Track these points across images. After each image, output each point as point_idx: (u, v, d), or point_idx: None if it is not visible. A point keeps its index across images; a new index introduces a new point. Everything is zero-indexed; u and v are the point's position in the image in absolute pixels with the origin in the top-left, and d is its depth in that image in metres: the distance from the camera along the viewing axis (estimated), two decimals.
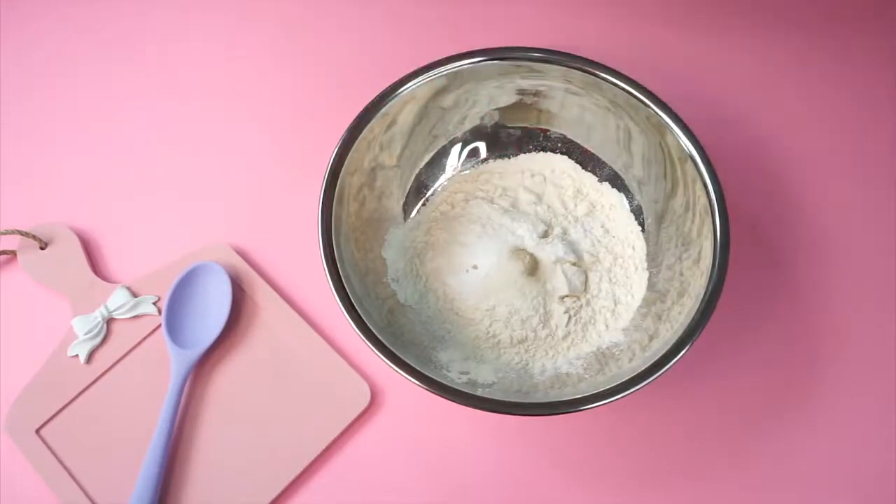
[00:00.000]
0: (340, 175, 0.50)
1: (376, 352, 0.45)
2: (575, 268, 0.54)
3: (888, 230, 0.59)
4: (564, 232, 0.56)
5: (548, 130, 0.58)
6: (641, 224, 0.56)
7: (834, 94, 0.64)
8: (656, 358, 0.45)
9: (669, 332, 0.47)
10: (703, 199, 0.49)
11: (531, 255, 0.53)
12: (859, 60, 0.66)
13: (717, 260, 0.47)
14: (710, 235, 0.48)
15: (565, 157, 0.59)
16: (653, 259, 0.55)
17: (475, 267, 0.54)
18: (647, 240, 0.56)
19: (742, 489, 0.51)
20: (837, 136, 0.63)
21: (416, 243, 0.56)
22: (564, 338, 0.53)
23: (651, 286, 0.54)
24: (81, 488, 0.50)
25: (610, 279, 0.55)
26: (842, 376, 0.54)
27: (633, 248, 0.56)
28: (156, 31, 0.68)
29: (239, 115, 0.64)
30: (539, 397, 0.48)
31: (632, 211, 0.57)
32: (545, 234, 0.55)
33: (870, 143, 0.62)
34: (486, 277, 0.53)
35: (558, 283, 0.53)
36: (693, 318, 0.46)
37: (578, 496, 0.51)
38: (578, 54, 0.52)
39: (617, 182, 0.58)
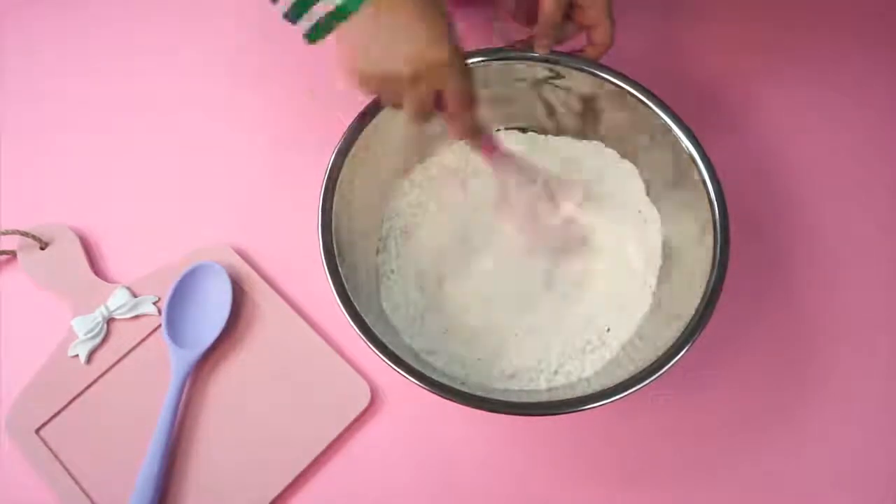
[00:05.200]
0: (340, 175, 0.50)
1: (376, 352, 0.45)
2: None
3: (888, 231, 0.59)
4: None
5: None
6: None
7: (835, 94, 0.64)
8: (655, 358, 0.45)
9: (669, 333, 0.47)
10: (704, 200, 0.49)
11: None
12: (860, 62, 0.66)
13: (717, 260, 0.47)
14: (710, 236, 0.48)
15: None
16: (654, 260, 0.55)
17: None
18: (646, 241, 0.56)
19: (742, 489, 0.51)
20: (838, 137, 0.63)
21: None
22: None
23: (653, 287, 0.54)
24: (81, 488, 0.50)
25: (615, 279, 0.55)
26: (841, 376, 0.54)
27: (637, 249, 0.56)
28: (158, 33, 0.68)
29: (239, 116, 0.64)
30: (539, 397, 0.48)
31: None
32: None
33: (870, 143, 0.62)
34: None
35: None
36: (692, 319, 0.46)
37: (578, 496, 0.51)
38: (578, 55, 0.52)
39: None
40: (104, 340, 0.54)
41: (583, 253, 0.54)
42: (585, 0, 0.49)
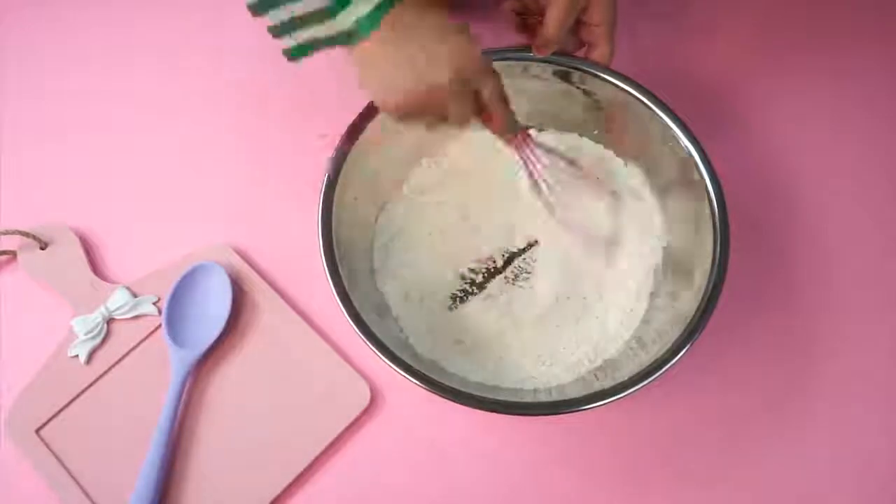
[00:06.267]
0: (340, 175, 0.50)
1: (376, 352, 0.45)
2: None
3: (888, 231, 0.59)
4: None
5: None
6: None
7: (836, 95, 0.64)
8: (656, 359, 0.45)
9: (669, 333, 0.47)
10: (704, 200, 0.49)
11: None
12: (860, 63, 0.66)
13: (717, 260, 0.47)
14: (711, 236, 0.48)
15: None
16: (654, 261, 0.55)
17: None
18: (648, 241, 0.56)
19: (741, 489, 0.51)
20: (838, 137, 0.63)
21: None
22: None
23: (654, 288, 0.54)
24: (81, 488, 0.50)
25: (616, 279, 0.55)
26: (841, 376, 0.54)
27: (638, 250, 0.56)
28: (158, 33, 0.68)
29: (239, 116, 0.64)
30: (540, 397, 0.48)
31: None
32: None
33: (870, 143, 0.62)
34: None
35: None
36: (692, 320, 0.46)
37: (578, 496, 0.51)
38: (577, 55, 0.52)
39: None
40: (104, 340, 0.54)
41: (599, 253, 0.54)
42: (592, 18, 0.49)
